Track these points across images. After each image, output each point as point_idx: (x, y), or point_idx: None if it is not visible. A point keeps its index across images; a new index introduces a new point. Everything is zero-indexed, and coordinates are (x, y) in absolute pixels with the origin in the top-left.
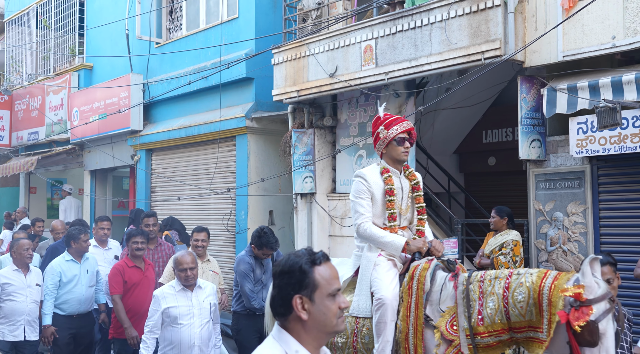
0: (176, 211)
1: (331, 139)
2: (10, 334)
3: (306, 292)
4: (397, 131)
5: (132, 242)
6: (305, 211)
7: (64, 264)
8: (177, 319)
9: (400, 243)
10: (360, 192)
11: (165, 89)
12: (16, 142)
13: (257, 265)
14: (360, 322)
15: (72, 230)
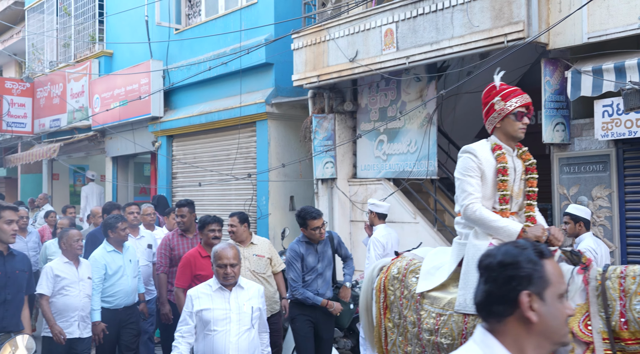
0: (197, 197)
1: (352, 124)
2: (64, 330)
3: (536, 288)
4: (517, 104)
5: (208, 229)
6: (326, 197)
7: (107, 256)
8: (210, 325)
9: (515, 229)
10: (469, 169)
11: (185, 75)
12: (38, 129)
13: (310, 252)
14: (469, 321)
15: (109, 219)
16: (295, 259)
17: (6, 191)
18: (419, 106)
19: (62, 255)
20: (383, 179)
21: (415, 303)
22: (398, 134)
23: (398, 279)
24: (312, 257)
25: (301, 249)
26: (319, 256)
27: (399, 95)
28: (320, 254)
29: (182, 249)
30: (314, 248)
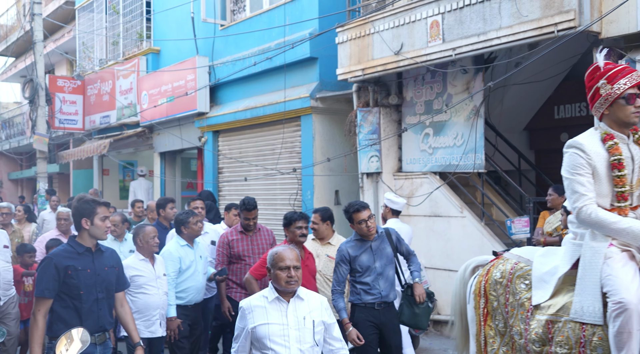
0: (243, 191)
1: (397, 117)
2: (146, 330)
3: None
4: (626, 85)
5: (295, 226)
6: (372, 191)
7: (180, 250)
8: (266, 342)
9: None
10: (578, 166)
11: (230, 70)
12: (89, 126)
13: (364, 250)
14: (587, 329)
15: (180, 215)
16: (342, 262)
17: (59, 186)
18: (465, 98)
19: (137, 252)
20: (429, 172)
21: (525, 312)
22: (444, 127)
23: (502, 285)
24: (367, 256)
25: (350, 251)
26: (375, 254)
27: (445, 87)
28: (377, 251)
29: (241, 246)
30: (367, 246)
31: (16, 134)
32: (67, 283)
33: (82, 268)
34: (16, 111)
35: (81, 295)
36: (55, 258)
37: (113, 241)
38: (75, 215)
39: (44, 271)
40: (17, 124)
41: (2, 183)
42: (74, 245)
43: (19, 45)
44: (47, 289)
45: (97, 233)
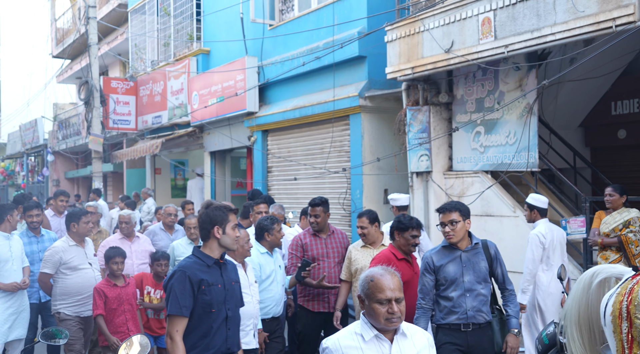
0: (292, 190)
1: (447, 115)
2: (240, 341)
3: None
4: None
5: (410, 234)
6: (422, 190)
7: (260, 258)
8: None
9: None
10: None
11: (279, 70)
12: (142, 126)
13: (451, 261)
14: None
15: (264, 221)
16: (426, 271)
17: (113, 184)
18: (519, 97)
19: (230, 258)
20: (480, 171)
21: None
22: (496, 125)
23: None
24: (454, 267)
25: (434, 259)
26: (465, 266)
27: (496, 85)
28: (466, 263)
29: (315, 250)
30: (456, 255)
31: (72, 134)
32: (199, 299)
33: (214, 283)
34: (72, 112)
35: (212, 313)
36: (188, 271)
37: (189, 244)
38: (205, 223)
39: (179, 286)
40: (73, 125)
41: (59, 181)
42: (202, 257)
43: (75, 47)
44: (185, 306)
45: (228, 243)
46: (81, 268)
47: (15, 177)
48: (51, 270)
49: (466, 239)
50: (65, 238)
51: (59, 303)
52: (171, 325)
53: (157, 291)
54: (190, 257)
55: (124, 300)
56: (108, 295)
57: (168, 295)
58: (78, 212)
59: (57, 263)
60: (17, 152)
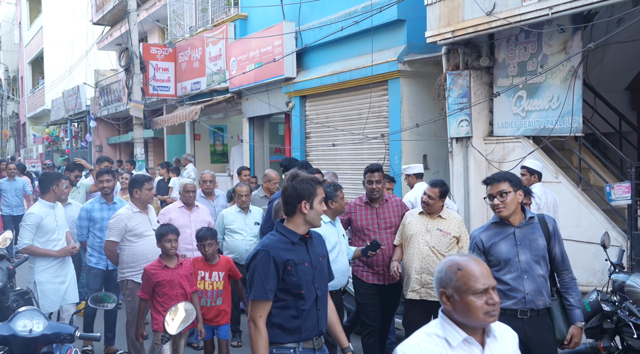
0: (330, 157)
1: (488, 80)
2: None
3: None
4: None
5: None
6: (461, 156)
7: (323, 227)
8: None
9: None
10: None
11: (316, 35)
12: (181, 92)
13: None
14: None
15: (325, 188)
16: (474, 252)
17: (154, 150)
18: (563, 60)
19: None
20: (522, 136)
21: None
22: (539, 89)
23: None
24: (508, 245)
25: (483, 239)
26: (520, 244)
27: (539, 48)
28: (521, 241)
29: (362, 220)
30: (509, 233)
31: (113, 101)
32: (286, 280)
33: (301, 261)
34: (113, 78)
35: (302, 295)
36: (272, 251)
37: (239, 212)
38: (292, 197)
39: (263, 268)
40: (114, 91)
41: (102, 147)
42: (287, 233)
43: (114, 14)
44: (270, 290)
45: (315, 219)
46: (146, 235)
47: (59, 142)
48: (117, 238)
49: (519, 213)
50: (129, 205)
51: (127, 271)
52: (254, 310)
53: (212, 274)
54: (273, 234)
55: (176, 284)
56: (158, 278)
57: (251, 277)
58: (141, 178)
59: (122, 230)
60: (61, 118)
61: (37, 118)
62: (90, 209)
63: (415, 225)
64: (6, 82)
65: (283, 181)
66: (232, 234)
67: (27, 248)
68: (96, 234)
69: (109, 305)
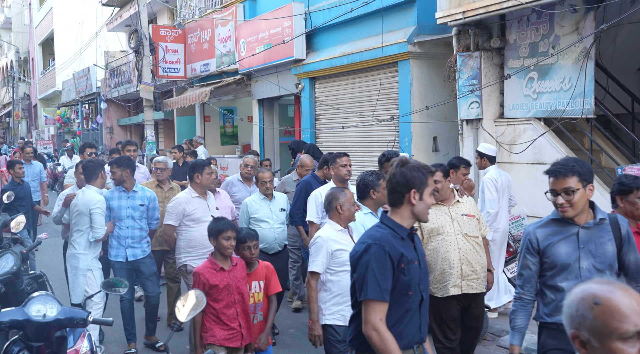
0: (340, 139)
1: (499, 61)
2: None
3: None
4: None
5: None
6: (471, 138)
7: (364, 219)
8: None
9: None
10: None
11: (326, 16)
12: (190, 74)
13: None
14: None
15: (367, 176)
16: (527, 252)
17: (164, 132)
18: (576, 41)
19: (333, 222)
20: (533, 118)
21: None
22: (550, 70)
23: None
24: (568, 247)
25: (539, 236)
26: (583, 246)
27: (551, 28)
28: (585, 243)
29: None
30: (573, 232)
31: (123, 82)
32: (399, 280)
33: (412, 259)
34: (122, 60)
35: (408, 297)
36: (387, 245)
37: (263, 200)
38: (400, 184)
39: (379, 264)
40: (124, 73)
41: (113, 129)
42: (395, 227)
43: None
44: (387, 289)
45: (423, 213)
46: (204, 220)
47: (70, 124)
48: (175, 221)
49: (587, 211)
50: (189, 189)
51: (184, 256)
52: (373, 313)
53: (252, 284)
54: (381, 226)
55: (233, 289)
56: (213, 282)
57: (363, 275)
58: (201, 163)
59: (180, 214)
60: (72, 100)
61: (48, 100)
62: (109, 197)
63: (436, 217)
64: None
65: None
66: (258, 223)
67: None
68: (116, 224)
69: (121, 290)
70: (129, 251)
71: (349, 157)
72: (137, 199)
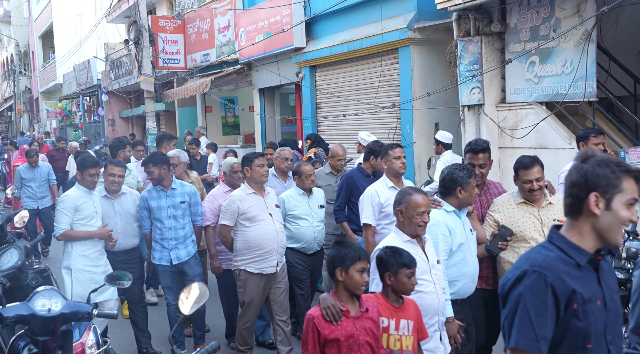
0: (342, 126)
1: (499, 46)
2: None
3: None
4: None
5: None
6: (473, 123)
7: (448, 218)
8: None
9: None
10: None
11: (325, 4)
12: (191, 64)
13: None
14: None
15: (457, 171)
16: None
17: (166, 123)
18: (577, 24)
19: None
20: (534, 103)
21: None
22: (551, 54)
23: None
24: None
25: None
26: None
27: (552, 11)
28: None
29: None
30: None
31: (124, 74)
32: (569, 325)
33: (592, 298)
34: (123, 52)
35: (587, 350)
36: (551, 276)
37: (301, 195)
38: (578, 186)
39: (535, 301)
40: (124, 64)
41: (115, 121)
42: (569, 248)
43: None
44: (544, 337)
45: (611, 230)
46: (260, 219)
47: (72, 117)
48: (229, 221)
49: None
50: (244, 186)
51: (240, 259)
52: None
53: (400, 322)
54: (547, 246)
55: (361, 343)
56: (333, 334)
57: (512, 314)
58: (251, 155)
59: (234, 213)
60: (73, 92)
61: (49, 93)
62: (147, 197)
63: (522, 219)
64: (17, 57)
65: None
66: (296, 221)
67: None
68: (156, 225)
69: (125, 283)
70: (173, 253)
71: (402, 148)
72: (177, 196)
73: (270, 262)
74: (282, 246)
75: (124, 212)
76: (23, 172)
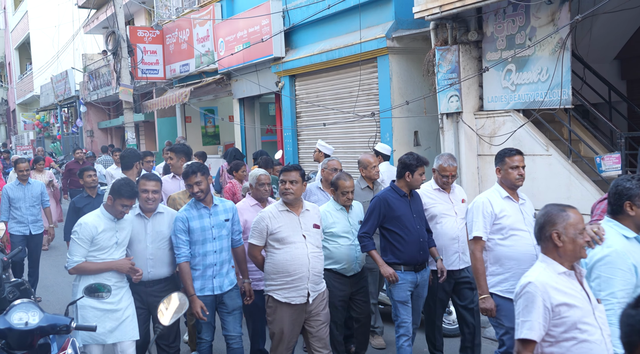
0: (322, 135)
1: (477, 54)
2: None
3: None
4: None
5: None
6: (452, 131)
7: None
8: None
9: None
10: None
11: (304, 13)
12: (170, 74)
13: None
14: None
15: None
16: None
17: (145, 134)
18: (552, 32)
19: None
20: (512, 110)
21: None
22: (527, 62)
23: None
24: None
25: None
26: None
27: (528, 20)
28: None
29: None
30: None
31: (102, 85)
32: None
33: None
34: (101, 63)
35: None
36: None
37: (339, 211)
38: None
39: None
40: (102, 75)
41: (93, 132)
42: None
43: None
44: None
45: None
46: (291, 241)
47: (50, 128)
48: (258, 241)
49: None
50: (278, 202)
51: (269, 284)
52: None
53: None
54: None
55: None
56: None
57: None
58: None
59: (262, 232)
60: (51, 104)
61: (26, 104)
62: (188, 218)
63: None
64: None
65: None
66: (335, 240)
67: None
68: (198, 252)
69: (105, 295)
70: (216, 281)
71: (522, 156)
72: (221, 213)
73: (300, 292)
74: (315, 273)
75: (157, 235)
76: (11, 191)
